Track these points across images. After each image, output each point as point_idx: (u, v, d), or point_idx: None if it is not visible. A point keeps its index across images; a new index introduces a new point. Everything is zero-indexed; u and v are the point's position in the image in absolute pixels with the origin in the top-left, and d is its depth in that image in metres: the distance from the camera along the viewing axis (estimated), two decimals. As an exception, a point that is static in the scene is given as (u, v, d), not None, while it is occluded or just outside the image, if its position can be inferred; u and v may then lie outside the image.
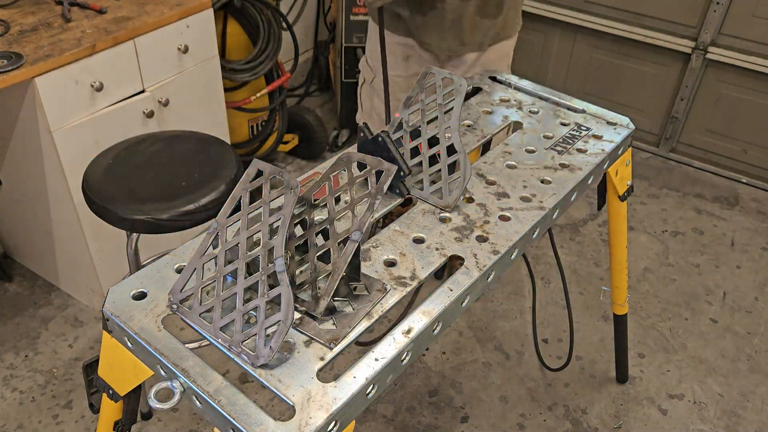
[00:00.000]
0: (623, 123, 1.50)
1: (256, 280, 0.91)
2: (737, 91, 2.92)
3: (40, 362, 2.10)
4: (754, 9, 2.73)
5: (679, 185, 3.04)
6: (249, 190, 0.97)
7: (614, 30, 3.05)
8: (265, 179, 0.96)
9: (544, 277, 2.50)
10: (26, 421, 1.93)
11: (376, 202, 0.96)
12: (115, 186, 1.49)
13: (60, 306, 2.30)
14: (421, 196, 1.21)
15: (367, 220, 0.95)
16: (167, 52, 2.09)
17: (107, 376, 1.07)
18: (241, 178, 0.96)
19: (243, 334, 0.89)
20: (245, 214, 0.96)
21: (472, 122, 1.47)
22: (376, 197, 0.97)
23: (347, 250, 0.94)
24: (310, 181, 1.21)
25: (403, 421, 1.97)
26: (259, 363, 0.87)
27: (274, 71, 2.76)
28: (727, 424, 1.99)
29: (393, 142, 1.19)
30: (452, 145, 1.23)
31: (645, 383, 2.11)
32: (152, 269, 1.04)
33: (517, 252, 1.15)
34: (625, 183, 1.57)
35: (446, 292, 1.01)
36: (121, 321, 0.94)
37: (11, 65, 1.66)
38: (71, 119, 1.87)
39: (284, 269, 0.89)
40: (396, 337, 0.93)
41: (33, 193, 2.08)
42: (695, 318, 2.35)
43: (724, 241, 2.70)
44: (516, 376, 2.12)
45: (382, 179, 0.98)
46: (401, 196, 1.21)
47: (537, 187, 1.26)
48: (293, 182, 0.93)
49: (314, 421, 0.81)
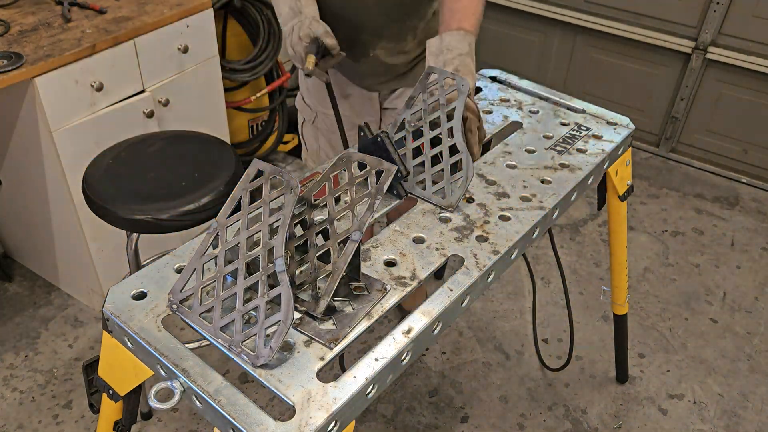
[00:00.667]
0: (623, 123, 1.50)
1: (256, 280, 0.91)
2: (737, 91, 2.92)
3: (40, 362, 2.10)
4: (754, 9, 2.73)
5: (679, 185, 3.04)
6: (249, 190, 0.97)
7: (614, 30, 3.05)
8: (265, 179, 0.96)
9: (544, 277, 2.50)
10: (26, 421, 1.93)
11: (376, 202, 0.96)
12: (115, 186, 1.49)
13: (60, 306, 2.30)
14: (423, 196, 1.21)
15: (367, 220, 0.95)
16: (167, 52, 2.09)
17: (107, 376, 1.07)
18: (241, 178, 0.96)
19: (243, 334, 0.89)
20: (245, 214, 0.96)
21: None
22: (376, 197, 0.97)
23: (347, 250, 0.94)
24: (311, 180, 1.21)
25: (403, 421, 1.97)
26: (259, 363, 0.86)
27: (274, 71, 2.76)
28: (727, 424, 1.99)
29: (392, 142, 1.19)
30: (455, 145, 1.23)
31: (645, 383, 2.11)
32: (152, 269, 1.04)
33: (517, 252, 1.15)
34: (625, 183, 1.57)
35: (446, 292, 1.01)
36: (121, 321, 0.94)
37: (11, 65, 1.66)
38: (71, 119, 1.87)
39: (284, 269, 0.89)
40: (396, 337, 0.93)
41: (33, 193, 2.08)
42: (695, 318, 2.35)
43: (724, 241, 2.70)
44: (516, 376, 2.12)
45: (382, 179, 0.99)
46: (399, 198, 1.21)
47: (537, 187, 1.26)
48: (293, 182, 0.93)
49: (314, 421, 0.81)
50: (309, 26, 1.37)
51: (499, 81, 1.65)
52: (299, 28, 1.38)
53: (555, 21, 3.22)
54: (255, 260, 0.93)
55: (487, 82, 1.65)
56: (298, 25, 1.38)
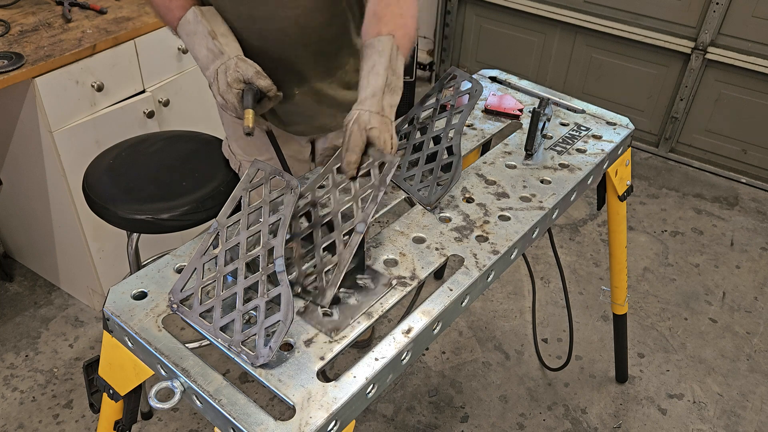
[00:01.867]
0: (623, 123, 1.50)
1: (256, 280, 0.91)
2: (737, 91, 2.93)
3: (40, 362, 2.10)
4: (753, 9, 2.73)
5: (678, 185, 3.05)
6: (249, 191, 0.97)
7: (614, 30, 3.05)
8: (266, 180, 0.97)
9: (544, 277, 2.50)
10: (27, 421, 1.93)
11: (380, 194, 0.98)
12: (115, 186, 1.50)
13: (60, 306, 2.30)
14: (409, 190, 1.21)
15: (371, 212, 0.97)
16: (167, 53, 2.09)
17: (108, 376, 1.07)
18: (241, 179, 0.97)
19: (243, 333, 0.89)
20: (245, 214, 0.96)
21: (472, 122, 1.47)
22: (379, 189, 0.98)
23: (352, 242, 0.96)
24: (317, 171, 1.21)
25: (403, 421, 1.98)
26: (258, 363, 0.87)
27: (274, 71, 2.76)
28: (727, 424, 1.99)
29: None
30: (452, 146, 1.24)
31: (645, 383, 2.12)
32: (152, 269, 1.04)
33: (517, 252, 1.15)
34: (625, 183, 1.57)
35: (446, 292, 1.02)
36: (122, 321, 0.95)
37: (12, 65, 1.66)
38: (71, 119, 1.87)
39: (284, 269, 0.90)
40: (396, 336, 0.94)
41: (33, 193, 2.08)
42: (695, 318, 2.35)
43: (723, 241, 2.71)
44: (516, 375, 2.13)
45: (384, 171, 1.00)
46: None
47: (537, 187, 1.26)
48: (293, 182, 0.94)
49: (314, 421, 0.81)
50: (236, 68, 1.18)
51: (499, 81, 1.65)
52: (225, 73, 1.18)
53: (555, 21, 3.22)
54: (255, 260, 0.93)
55: (487, 82, 1.65)
56: (223, 69, 1.18)
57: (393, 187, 1.23)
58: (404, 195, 1.23)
